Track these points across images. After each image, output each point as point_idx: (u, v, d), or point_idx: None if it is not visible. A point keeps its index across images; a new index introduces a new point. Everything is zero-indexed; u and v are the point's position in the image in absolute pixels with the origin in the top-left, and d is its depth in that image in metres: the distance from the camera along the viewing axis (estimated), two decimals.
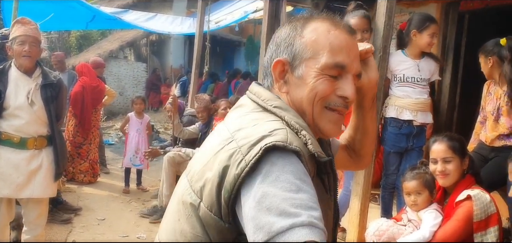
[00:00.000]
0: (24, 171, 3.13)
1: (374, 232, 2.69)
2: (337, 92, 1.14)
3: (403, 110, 3.34)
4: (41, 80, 3.22)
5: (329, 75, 1.13)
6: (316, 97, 1.13)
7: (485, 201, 2.46)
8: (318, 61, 1.12)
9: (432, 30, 3.31)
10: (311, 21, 1.18)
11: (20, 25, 3.19)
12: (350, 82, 1.14)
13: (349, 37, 1.17)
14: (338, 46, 1.13)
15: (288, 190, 0.92)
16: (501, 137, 3.29)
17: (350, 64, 1.14)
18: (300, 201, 0.90)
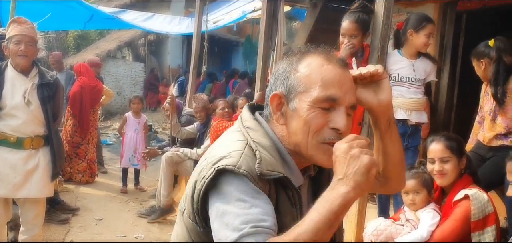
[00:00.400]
0: (21, 171, 3.12)
1: (372, 231, 2.69)
2: (330, 124, 1.20)
3: (397, 110, 3.34)
4: (38, 79, 3.21)
5: (321, 108, 1.20)
6: (310, 130, 1.20)
7: (482, 200, 2.46)
8: (311, 95, 1.20)
9: (429, 30, 3.31)
10: (306, 57, 1.26)
11: (16, 24, 3.18)
12: (342, 114, 1.20)
13: (341, 71, 1.23)
14: (329, 80, 1.20)
15: (241, 207, 1.10)
16: (499, 137, 3.29)
17: (342, 97, 1.21)
18: (251, 217, 1.08)
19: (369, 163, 1.06)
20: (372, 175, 1.07)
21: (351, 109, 1.25)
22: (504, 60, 3.20)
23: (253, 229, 1.07)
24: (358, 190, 1.06)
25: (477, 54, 3.35)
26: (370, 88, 1.31)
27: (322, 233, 1.04)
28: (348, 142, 1.11)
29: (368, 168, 1.06)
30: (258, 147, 1.20)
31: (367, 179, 1.06)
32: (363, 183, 1.06)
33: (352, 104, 1.24)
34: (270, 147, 1.22)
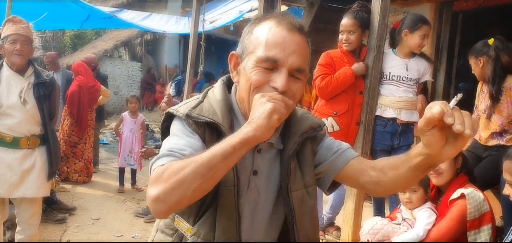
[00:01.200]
0: (17, 171, 3.11)
1: (369, 230, 2.69)
2: (270, 83, 1.25)
3: (387, 108, 3.35)
4: (34, 79, 3.20)
5: (263, 67, 1.26)
6: (251, 87, 1.27)
7: (478, 199, 2.48)
8: (255, 54, 1.28)
9: (424, 31, 3.31)
10: (262, 20, 1.32)
11: (12, 24, 3.17)
12: (283, 75, 1.24)
13: (288, 34, 1.27)
14: (272, 42, 1.26)
15: (172, 141, 1.29)
16: (494, 136, 3.31)
17: (283, 59, 1.25)
18: (174, 146, 1.26)
19: (271, 109, 1.16)
20: (273, 120, 1.16)
21: (297, 73, 1.27)
22: (502, 60, 3.21)
23: (168, 152, 1.24)
24: (258, 131, 1.15)
25: (475, 52, 3.36)
26: (443, 134, 1.10)
27: (216, 161, 1.13)
28: (263, 93, 1.22)
29: (270, 113, 1.16)
30: (207, 99, 1.37)
31: (268, 123, 1.15)
32: (264, 126, 1.15)
33: (296, 68, 1.26)
34: (219, 101, 1.36)
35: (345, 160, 1.41)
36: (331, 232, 3.65)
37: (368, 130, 3.27)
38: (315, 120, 1.46)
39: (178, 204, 1.16)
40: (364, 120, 3.27)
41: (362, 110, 3.29)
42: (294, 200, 1.35)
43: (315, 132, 1.43)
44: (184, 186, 1.13)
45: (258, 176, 1.37)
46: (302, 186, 1.38)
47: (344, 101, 3.28)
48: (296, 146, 1.36)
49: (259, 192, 1.37)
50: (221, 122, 1.31)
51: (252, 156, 1.36)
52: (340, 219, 3.53)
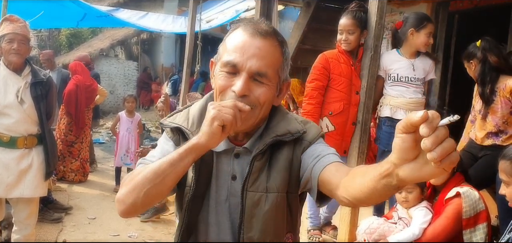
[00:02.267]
0: (14, 171, 3.10)
1: (365, 230, 2.71)
2: (232, 87, 1.28)
3: (397, 110, 3.36)
4: (31, 78, 3.19)
5: (226, 72, 1.29)
6: (217, 91, 1.32)
7: (474, 198, 2.49)
8: (221, 60, 1.32)
9: (430, 29, 3.33)
10: (236, 28, 1.35)
11: (9, 22, 3.16)
12: (241, 79, 1.26)
13: (249, 39, 1.29)
14: (233, 47, 1.30)
15: (153, 150, 1.43)
16: (490, 136, 3.32)
17: (241, 63, 1.27)
18: (149, 154, 1.41)
19: (212, 116, 1.20)
20: (214, 127, 1.20)
21: (259, 77, 1.28)
22: (490, 60, 3.22)
23: (140, 160, 1.39)
24: (202, 138, 1.22)
25: (467, 56, 3.38)
26: (415, 148, 0.90)
27: (164, 168, 1.22)
28: (215, 102, 1.29)
29: (211, 120, 1.20)
30: (188, 108, 1.45)
31: (209, 130, 1.20)
32: (206, 133, 1.21)
33: (255, 71, 1.27)
34: (198, 108, 1.42)
35: (322, 164, 1.28)
36: (328, 231, 3.66)
37: (364, 129, 3.29)
38: (296, 126, 1.38)
39: (134, 206, 1.27)
40: (361, 120, 3.28)
41: (359, 110, 3.30)
42: (247, 199, 1.32)
43: (292, 137, 1.35)
44: (137, 190, 1.24)
45: (236, 181, 1.37)
46: (263, 189, 1.32)
47: (339, 101, 3.29)
48: (264, 147, 1.32)
49: (239, 197, 1.35)
50: (189, 127, 1.37)
51: (230, 161, 1.38)
52: (337, 219, 3.54)
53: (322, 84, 3.30)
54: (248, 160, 1.35)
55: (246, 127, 1.32)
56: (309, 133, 1.39)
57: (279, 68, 1.33)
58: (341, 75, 3.29)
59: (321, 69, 3.31)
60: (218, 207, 1.38)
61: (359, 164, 3.26)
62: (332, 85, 3.31)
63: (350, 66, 3.30)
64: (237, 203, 1.35)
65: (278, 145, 1.35)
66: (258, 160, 1.33)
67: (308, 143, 1.37)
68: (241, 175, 1.36)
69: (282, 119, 1.40)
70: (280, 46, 1.33)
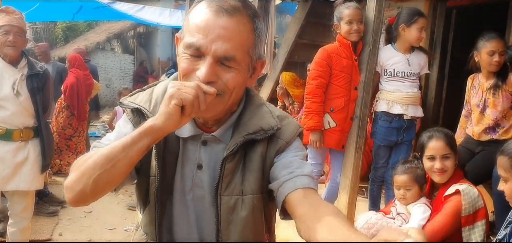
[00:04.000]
0: (10, 163, 3.07)
1: (363, 224, 2.69)
2: (197, 72, 1.14)
3: (394, 104, 3.36)
4: (27, 70, 3.16)
5: (189, 54, 1.15)
6: (180, 75, 1.19)
7: (473, 195, 2.48)
8: (183, 40, 1.18)
9: (421, 24, 3.32)
10: (201, 1, 1.19)
11: (4, 14, 3.12)
12: (206, 63, 1.12)
13: (214, 17, 1.13)
14: (196, 27, 1.14)
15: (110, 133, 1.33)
16: (487, 131, 3.33)
17: (205, 46, 1.12)
18: (107, 136, 1.32)
19: (171, 93, 1.08)
20: (171, 107, 1.08)
21: (226, 61, 1.14)
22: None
23: (94, 143, 1.30)
24: (158, 119, 1.10)
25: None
26: None
27: (116, 152, 1.11)
28: None
29: (170, 97, 1.08)
30: (151, 88, 1.33)
31: (166, 110, 1.09)
32: (163, 113, 1.09)
33: (221, 55, 1.13)
34: (161, 90, 1.28)
35: (292, 186, 1.18)
36: None
37: (362, 125, 3.28)
38: (269, 121, 1.26)
39: (83, 194, 1.14)
40: (358, 115, 3.28)
41: (357, 105, 3.29)
42: (222, 204, 1.22)
43: (265, 134, 1.23)
44: (86, 176, 1.12)
45: (202, 171, 1.26)
46: (238, 192, 1.22)
47: (340, 97, 3.28)
48: (235, 147, 1.21)
49: (204, 188, 1.26)
50: (150, 109, 1.25)
51: (196, 148, 1.27)
52: None
53: (326, 81, 3.29)
54: (216, 149, 1.26)
55: (215, 113, 1.20)
56: (286, 130, 1.27)
57: (250, 48, 1.18)
58: (342, 70, 3.28)
59: (325, 65, 3.28)
60: (182, 199, 1.28)
61: (357, 159, 3.26)
62: (333, 81, 3.30)
63: (352, 60, 3.29)
64: (202, 196, 1.26)
65: (251, 142, 1.23)
66: (230, 161, 1.22)
67: (284, 143, 1.26)
68: (207, 165, 1.26)
69: (255, 114, 1.27)
70: (250, 22, 1.17)
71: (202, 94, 1.10)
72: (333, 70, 3.29)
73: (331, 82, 3.30)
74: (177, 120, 1.10)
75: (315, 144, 3.32)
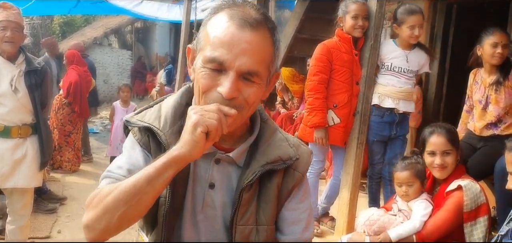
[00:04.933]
0: (9, 161, 3.04)
1: (365, 221, 2.68)
2: (218, 88, 1.10)
3: (385, 98, 3.36)
4: (25, 66, 3.13)
5: (210, 69, 1.10)
6: (200, 90, 1.13)
7: (475, 191, 2.48)
8: (203, 53, 1.12)
9: (411, 22, 3.29)
10: (219, 11, 1.15)
11: (2, 10, 3.09)
12: (229, 79, 1.08)
13: (238, 32, 1.09)
14: (219, 40, 1.10)
15: (118, 157, 1.24)
16: (489, 126, 3.32)
17: (230, 60, 1.08)
18: (113, 164, 1.22)
19: (194, 122, 1.04)
20: (197, 134, 1.03)
21: (249, 76, 1.11)
22: None
23: (106, 173, 1.20)
24: (183, 148, 1.05)
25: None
26: None
27: (140, 186, 1.04)
28: (196, 106, 1.11)
29: (193, 126, 1.04)
30: (159, 105, 1.25)
31: (191, 138, 1.04)
32: (188, 141, 1.04)
33: (245, 71, 1.09)
34: (171, 106, 1.23)
35: (285, 219, 1.26)
36: (325, 222, 3.65)
37: (364, 119, 3.27)
38: (288, 151, 1.24)
39: (107, 232, 1.09)
40: (360, 110, 3.26)
41: (359, 100, 3.28)
42: (237, 234, 1.19)
43: (284, 164, 1.22)
44: (108, 214, 1.06)
45: (215, 190, 1.22)
46: (253, 222, 1.20)
47: (343, 93, 3.26)
48: (253, 177, 1.18)
49: (216, 208, 1.22)
50: (160, 127, 1.18)
51: (209, 166, 1.22)
52: (335, 210, 3.52)
53: (327, 77, 3.26)
54: (229, 169, 1.23)
55: (232, 128, 1.15)
56: (301, 161, 1.27)
57: (270, 62, 1.16)
58: (343, 66, 3.25)
59: (325, 61, 3.26)
60: (192, 219, 1.22)
61: (359, 155, 3.25)
62: (334, 76, 3.28)
63: (353, 55, 3.27)
64: (213, 216, 1.22)
65: (268, 171, 1.21)
66: (247, 191, 1.19)
67: (301, 175, 1.26)
68: (220, 184, 1.22)
69: (272, 141, 1.24)
70: (271, 36, 1.15)
71: (224, 117, 1.07)
72: (334, 66, 3.26)
73: (333, 77, 3.28)
74: (203, 148, 1.06)
75: (321, 140, 3.29)
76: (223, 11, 1.14)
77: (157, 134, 1.18)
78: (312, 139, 3.33)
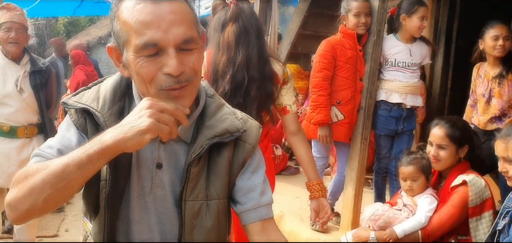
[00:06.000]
0: (15, 161, 3.08)
1: (370, 216, 2.69)
2: (162, 70, 1.06)
3: (392, 93, 3.35)
4: (30, 67, 3.16)
5: (146, 56, 1.06)
6: (145, 82, 1.09)
7: (480, 186, 2.47)
8: (131, 44, 1.07)
9: (421, 13, 3.30)
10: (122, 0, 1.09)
11: (6, 11, 3.12)
12: (171, 56, 1.05)
13: (155, 7, 1.05)
14: (143, 23, 1.04)
15: (52, 137, 1.19)
16: (493, 120, 3.32)
17: (163, 38, 1.04)
18: (46, 143, 1.17)
19: (149, 126, 0.99)
20: (145, 139, 1.00)
21: (187, 44, 1.07)
22: None
23: (36, 152, 1.15)
24: (122, 143, 0.99)
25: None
26: None
27: (70, 171, 0.99)
28: (152, 100, 1.04)
29: (144, 131, 0.99)
30: (97, 86, 1.22)
31: (137, 139, 0.99)
32: (131, 139, 0.99)
33: (182, 41, 1.06)
34: (110, 86, 1.20)
35: (252, 218, 1.23)
36: (330, 218, 3.65)
37: (368, 115, 3.26)
38: (235, 124, 1.21)
39: (30, 212, 1.03)
40: (364, 106, 3.26)
41: (362, 96, 3.27)
42: (187, 210, 1.16)
43: (232, 137, 1.19)
44: (34, 195, 1.01)
45: (162, 170, 1.18)
46: (203, 197, 1.17)
47: (347, 89, 3.25)
48: (200, 150, 1.15)
49: (165, 187, 1.19)
50: (98, 109, 1.15)
51: (155, 147, 1.18)
52: (340, 205, 3.53)
53: (331, 74, 3.26)
54: (176, 147, 1.19)
55: (190, 103, 1.14)
56: (251, 133, 1.24)
57: (195, 23, 1.12)
58: (347, 62, 3.25)
59: (329, 57, 3.25)
60: (140, 201, 1.19)
61: (363, 150, 3.24)
62: (338, 73, 3.27)
63: (357, 51, 3.26)
64: (163, 196, 1.19)
65: (216, 145, 1.18)
66: (195, 165, 1.16)
67: (251, 147, 1.23)
68: (167, 163, 1.19)
69: (219, 115, 1.22)
70: (186, 1, 1.12)
71: (184, 118, 1.06)
72: (337, 62, 3.26)
73: (336, 74, 3.28)
74: (143, 146, 1.03)
75: (324, 139, 3.30)
76: None
77: (95, 116, 1.15)
78: (316, 135, 3.33)
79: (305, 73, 6.02)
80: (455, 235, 2.59)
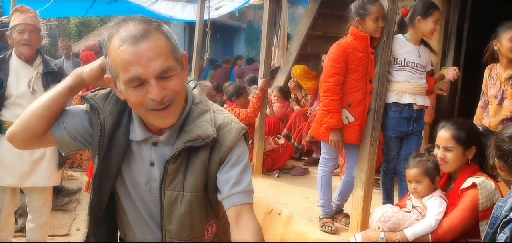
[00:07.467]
0: (28, 160, 3.12)
1: (379, 218, 2.69)
2: (147, 96, 1.32)
3: (403, 95, 3.34)
4: (42, 68, 3.21)
5: (133, 87, 1.32)
6: (135, 105, 1.36)
7: (490, 189, 2.46)
8: (121, 79, 1.33)
9: (437, 17, 3.31)
10: (111, 39, 1.34)
11: (19, 13, 3.17)
12: (152, 86, 1.30)
13: (134, 48, 1.29)
14: (126, 63, 1.29)
15: None
16: (504, 122, 3.28)
17: (144, 72, 1.29)
18: None
19: (99, 65, 1.43)
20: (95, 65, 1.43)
21: (165, 73, 1.32)
22: None
23: None
24: (80, 75, 1.48)
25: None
26: None
27: (46, 102, 1.49)
28: None
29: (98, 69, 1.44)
30: (110, 89, 1.49)
31: (90, 73, 1.46)
32: (87, 73, 1.46)
33: (159, 72, 1.31)
34: (114, 96, 1.48)
35: (228, 204, 1.42)
36: (340, 220, 3.65)
37: (377, 116, 3.25)
38: (207, 131, 1.42)
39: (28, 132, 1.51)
40: (373, 107, 3.25)
41: (372, 98, 3.27)
42: (166, 198, 1.44)
43: (203, 142, 1.40)
44: (26, 122, 1.51)
45: (154, 167, 1.48)
46: (180, 188, 1.43)
47: (358, 91, 3.25)
48: (176, 152, 1.40)
49: (156, 181, 1.47)
50: (102, 107, 1.46)
51: (148, 149, 1.48)
52: (349, 206, 3.52)
53: (343, 78, 3.25)
54: (164, 149, 1.46)
55: (175, 119, 1.40)
56: (227, 137, 1.43)
57: (172, 52, 1.36)
58: (359, 65, 3.24)
59: (342, 62, 3.24)
60: (137, 191, 1.51)
61: (372, 152, 3.23)
62: (349, 75, 3.26)
63: (368, 53, 3.25)
64: (155, 187, 1.47)
65: (194, 147, 1.41)
66: (172, 163, 1.42)
67: (227, 149, 1.43)
68: (158, 162, 1.47)
69: (197, 122, 1.44)
70: (160, 32, 1.35)
71: None
72: (349, 65, 3.25)
73: (347, 77, 3.27)
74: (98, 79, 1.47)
75: (336, 144, 3.30)
76: (114, 38, 1.33)
77: (97, 112, 1.45)
78: (326, 138, 3.33)
79: (314, 74, 6.02)
80: (465, 238, 2.58)
